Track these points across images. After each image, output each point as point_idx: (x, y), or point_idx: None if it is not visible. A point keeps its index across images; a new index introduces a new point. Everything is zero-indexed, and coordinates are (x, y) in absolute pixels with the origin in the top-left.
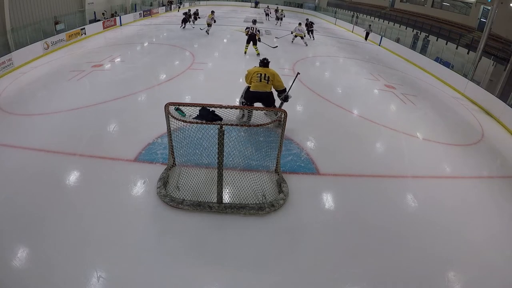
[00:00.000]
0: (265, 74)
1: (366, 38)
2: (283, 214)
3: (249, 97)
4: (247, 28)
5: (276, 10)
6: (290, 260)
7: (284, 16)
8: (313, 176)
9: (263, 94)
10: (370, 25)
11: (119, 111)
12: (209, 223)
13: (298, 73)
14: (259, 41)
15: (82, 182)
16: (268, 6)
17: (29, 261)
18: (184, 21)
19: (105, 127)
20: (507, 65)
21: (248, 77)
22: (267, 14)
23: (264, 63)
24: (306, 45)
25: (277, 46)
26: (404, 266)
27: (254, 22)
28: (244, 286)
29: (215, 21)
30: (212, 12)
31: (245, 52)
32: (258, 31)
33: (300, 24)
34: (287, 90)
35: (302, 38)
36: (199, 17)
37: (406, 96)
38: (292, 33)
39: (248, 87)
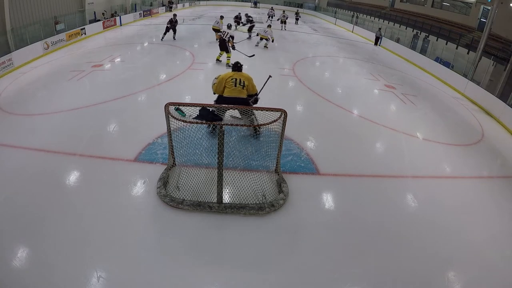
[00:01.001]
0: (240, 79)
1: (376, 43)
2: (283, 214)
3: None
4: (219, 32)
5: (296, 13)
6: (290, 260)
7: (287, 18)
8: (313, 176)
9: (239, 100)
10: (379, 29)
11: (119, 111)
12: (209, 223)
13: (270, 76)
14: (233, 49)
15: (82, 182)
16: (272, 7)
17: (29, 261)
18: (169, 29)
19: (105, 127)
20: (507, 65)
21: (221, 84)
22: (270, 16)
23: (238, 67)
24: (266, 47)
25: (253, 55)
26: (404, 266)
27: (229, 26)
28: (244, 286)
29: (230, 26)
30: (221, 17)
31: (218, 59)
32: (232, 37)
33: (269, 26)
34: (258, 93)
35: (266, 40)
36: (244, 22)
37: (406, 96)
38: (257, 34)
39: (220, 95)
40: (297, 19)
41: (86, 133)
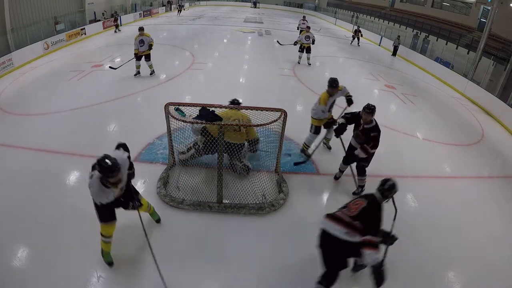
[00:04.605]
0: (239, 119)
1: (394, 54)
2: (283, 214)
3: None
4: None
5: (356, 32)
6: (290, 260)
7: (313, 42)
8: (313, 176)
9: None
10: (399, 37)
11: (119, 111)
12: (209, 223)
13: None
14: None
15: (82, 182)
16: (304, 16)
17: (29, 261)
18: None
19: (105, 127)
20: (507, 65)
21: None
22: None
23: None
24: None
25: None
26: (404, 266)
27: None
28: (244, 286)
29: (144, 45)
30: (140, 29)
31: None
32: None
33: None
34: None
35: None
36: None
37: (406, 96)
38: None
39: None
40: (358, 39)
41: (86, 133)
